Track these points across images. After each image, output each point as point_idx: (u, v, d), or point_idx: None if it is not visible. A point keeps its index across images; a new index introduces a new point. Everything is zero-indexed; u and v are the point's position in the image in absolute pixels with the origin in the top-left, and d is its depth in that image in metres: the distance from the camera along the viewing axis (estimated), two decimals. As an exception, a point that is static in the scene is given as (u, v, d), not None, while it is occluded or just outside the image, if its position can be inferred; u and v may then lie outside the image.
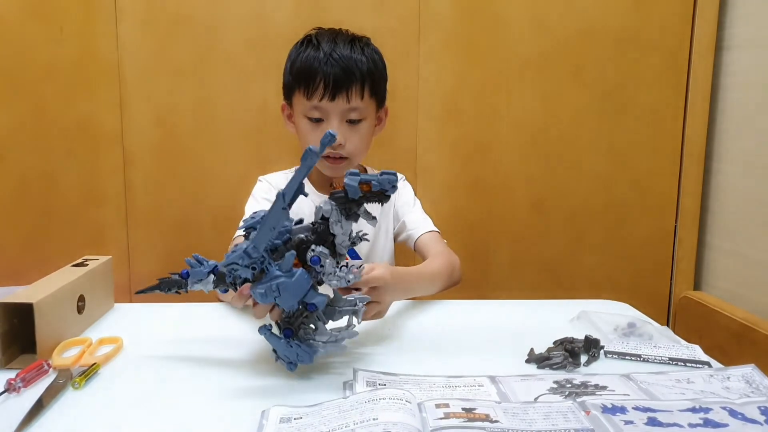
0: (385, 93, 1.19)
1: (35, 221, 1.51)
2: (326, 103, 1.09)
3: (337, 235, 0.74)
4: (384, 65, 1.17)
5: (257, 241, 0.71)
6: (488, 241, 1.58)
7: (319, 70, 1.08)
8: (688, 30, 1.52)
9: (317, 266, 0.73)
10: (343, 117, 1.11)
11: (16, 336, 0.82)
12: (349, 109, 1.10)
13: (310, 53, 1.10)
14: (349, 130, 1.12)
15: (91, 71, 1.47)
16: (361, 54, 1.11)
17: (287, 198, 0.70)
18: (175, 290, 0.81)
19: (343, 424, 0.60)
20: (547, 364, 0.81)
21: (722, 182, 1.51)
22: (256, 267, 0.73)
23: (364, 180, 0.71)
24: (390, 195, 0.73)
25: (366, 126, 1.14)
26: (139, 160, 1.50)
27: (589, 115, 1.55)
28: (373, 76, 1.12)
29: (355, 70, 1.09)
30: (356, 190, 0.70)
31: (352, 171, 0.73)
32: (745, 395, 0.70)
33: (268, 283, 0.72)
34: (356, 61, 1.09)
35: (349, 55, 1.09)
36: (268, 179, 1.24)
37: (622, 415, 0.62)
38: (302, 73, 1.10)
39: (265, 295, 0.72)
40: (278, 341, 0.76)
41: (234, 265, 0.73)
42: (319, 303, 0.75)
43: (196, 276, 0.78)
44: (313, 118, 1.11)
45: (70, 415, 0.68)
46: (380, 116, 1.20)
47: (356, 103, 1.10)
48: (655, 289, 1.60)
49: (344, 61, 1.08)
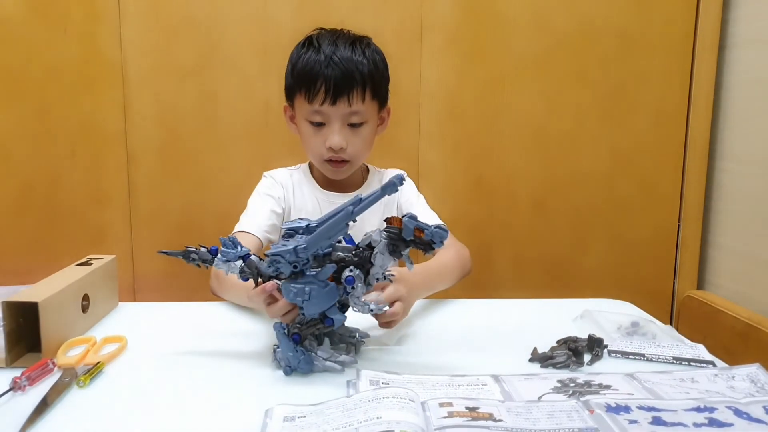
0: (387, 93, 1.18)
1: (39, 221, 1.51)
2: (327, 107, 1.08)
3: (375, 265, 0.76)
4: (386, 66, 1.16)
5: (310, 244, 0.74)
6: (491, 241, 1.58)
7: (320, 73, 1.07)
8: (692, 28, 1.51)
9: (350, 286, 0.75)
10: (344, 121, 1.10)
11: (22, 335, 0.82)
12: (350, 113, 1.09)
13: (311, 56, 1.09)
14: (351, 134, 1.11)
15: (95, 72, 1.47)
16: (362, 56, 1.09)
17: (355, 215, 0.74)
18: (197, 263, 0.83)
19: (346, 423, 0.60)
20: (550, 363, 0.81)
21: (726, 181, 1.51)
22: (297, 266, 0.75)
23: (419, 226, 0.73)
24: (435, 248, 0.73)
25: (368, 129, 1.13)
26: (142, 159, 1.51)
27: (591, 114, 1.55)
28: (374, 78, 1.11)
29: (356, 73, 1.07)
30: (410, 232, 0.72)
31: (411, 214, 0.74)
32: (750, 395, 0.69)
33: (303, 285, 0.75)
34: (357, 63, 1.08)
35: (349, 58, 1.08)
36: (273, 175, 1.24)
37: (626, 414, 0.62)
38: (303, 76, 1.09)
39: (296, 295, 0.76)
40: (287, 342, 0.78)
41: (279, 257, 0.75)
42: (337, 321, 0.79)
43: (226, 256, 0.80)
44: (314, 122, 1.11)
45: (75, 413, 0.68)
46: (382, 116, 1.20)
47: (357, 106, 1.09)
48: (658, 289, 1.60)
49: (345, 64, 1.07)
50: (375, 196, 0.73)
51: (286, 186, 1.21)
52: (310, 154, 1.16)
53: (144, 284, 1.54)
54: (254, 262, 0.80)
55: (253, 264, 0.80)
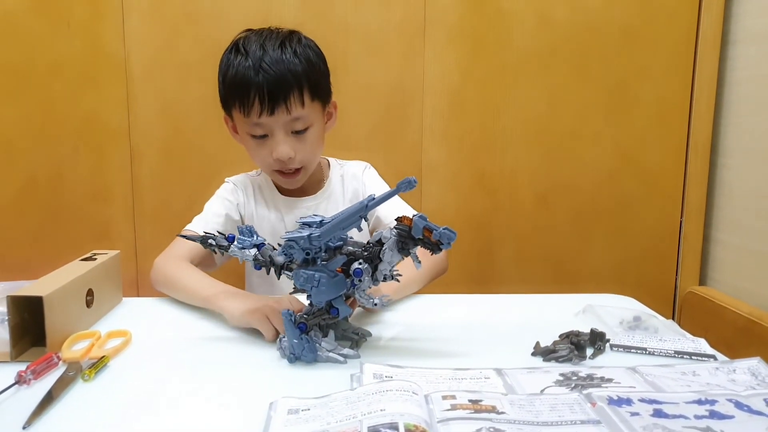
0: (329, 88, 1.10)
1: (43, 217, 1.52)
2: (266, 118, 1.01)
3: (383, 261, 0.77)
4: (322, 59, 1.08)
5: (324, 232, 0.76)
6: (494, 236, 1.58)
7: (252, 82, 0.99)
8: (694, 24, 1.51)
9: (357, 278, 0.77)
10: (287, 129, 1.03)
11: (27, 329, 0.83)
12: (291, 120, 1.03)
13: (240, 63, 1.01)
14: (297, 142, 1.05)
15: (98, 67, 1.48)
16: (294, 55, 1.01)
17: (369, 209, 0.75)
18: (213, 248, 0.85)
19: (350, 416, 0.61)
20: (552, 357, 0.81)
21: (728, 177, 1.51)
22: (309, 254, 0.78)
23: (428, 227, 0.73)
24: (443, 249, 0.74)
25: (314, 132, 1.07)
26: (146, 155, 1.51)
27: (594, 109, 1.55)
28: (311, 77, 1.03)
29: (289, 75, 1.00)
30: (420, 231, 0.73)
31: (422, 214, 0.74)
32: (751, 387, 0.70)
33: (313, 272, 0.78)
34: (289, 64, 1.00)
35: (280, 59, 1.00)
36: (234, 180, 1.23)
37: (628, 407, 0.63)
38: (234, 88, 1.02)
39: (306, 281, 0.78)
40: (293, 330, 0.79)
41: (293, 242, 0.77)
42: (342, 311, 0.80)
43: (242, 243, 0.83)
44: (256, 135, 1.05)
45: (80, 407, 0.68)
46: (330, 111, 1.13)
47: (298, 112, 1.02)
48: (660, 284, 1.60)
49: (276, 69, 0.99)
50: (389, 192, 0.74)
51: (247, 191, 1.20)
52: (260, 166, 1.14)
53: (148, 280, 1.53)
54: (268, 251, 0.82)
55: (267, 252, 0.82)
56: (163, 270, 1.07)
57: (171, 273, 1.05)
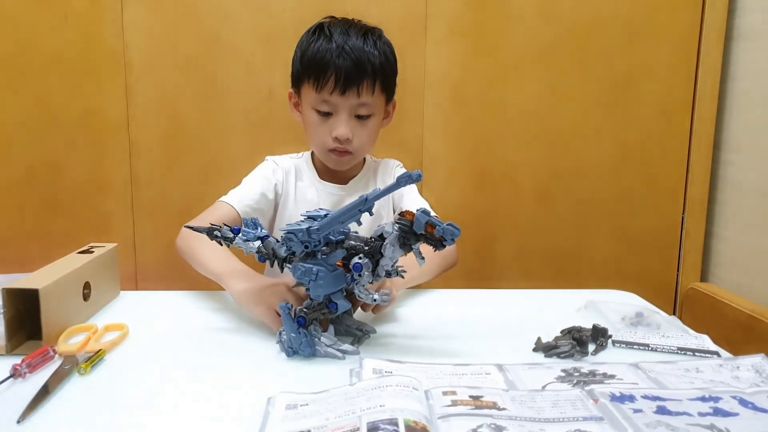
0: (395, 87, 1.17)
1: (41, 210, 1.51)
2: (336, 97, 1.06)
3: (385, 256, 0.76)
4: (395, 59, 1.14)
5: (323, 225, 0.76)
6: (495, 231, 1.58)
7: (331, 63, 1.05)
8: (698, 19, 1.50)
9: (357, 273, 0.76)
10: (352, 112, 1.08)
11: (22, 322, 0.82)
12: (358, 104, 1.08)
13: (322, 44, 1.07)
14: (358, 126, 1.10)
15: (97, 60, 1.46)
16: (374, 47, 1.07)
17: (369, 204, 0.75)
18: (219, 240, 0.85)
19: (349, 411, 0.60)
20: (554, 353, 0.80)
21: (730, 173, 1.50)
22: (308, 246, 0.77)
23: (431, 222, 0.72)
24: (446, 246, 0.73)
25: (374, 122, 1.12)
26: (144, 149, 1.50)
27: (596, 105, 1.54)
28: (385, 71, 1.09)
29: (368, 64, 1.06)
30: (422, 226, 0.72)
31: (425, 209, 0.73)
32: (755, 384, 0.69)
33: (312, 265, 0.77)
34: (369, 54, 1.06)
35: (361, 48, 1.06)
36: (276, 160, 1.22)
37: (630, 404, 0.62)
38: (313, 64, 1.07)
39: (304, 274, 0.78)
40: (291, 323, 0.79)
41: (292, 235, 0.77)
42: (341, 306, 0.80)
43: (246, 235, 0.83)
44: (321, 111, 1.09)
45: (75, 401, 0.68)
46: (388, 110, 1.18)
47: (366, 98, 1.07)
48: (662, 280, 1.59)
49: (357, 55, 1.05)
50: (390, 187, 0.73)
51: (288, 172, 1.20)
52: (314, 143, 1.15)
53: (146, 274, 1.54)
54: (271, 243, 0.82)
55: (270, 245, 0.81)
56: (188, 238, 1.06)
57: (193, 243, 1.04)
